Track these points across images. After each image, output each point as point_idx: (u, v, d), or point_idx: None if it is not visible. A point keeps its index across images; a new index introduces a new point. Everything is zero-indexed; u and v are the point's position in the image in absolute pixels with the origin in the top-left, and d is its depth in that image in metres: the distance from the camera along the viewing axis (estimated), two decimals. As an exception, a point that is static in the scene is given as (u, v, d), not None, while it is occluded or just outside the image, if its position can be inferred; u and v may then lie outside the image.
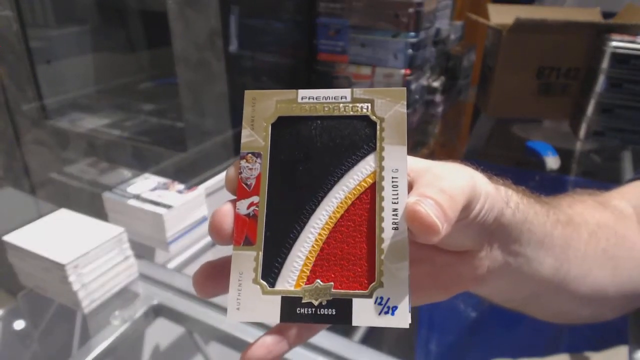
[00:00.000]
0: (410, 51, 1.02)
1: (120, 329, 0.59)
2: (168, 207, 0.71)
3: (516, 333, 0.75)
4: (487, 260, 0.28)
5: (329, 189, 0.23)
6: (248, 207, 0.23)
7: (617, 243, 0.37)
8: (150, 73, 1.61)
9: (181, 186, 0.77)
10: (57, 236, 0.62)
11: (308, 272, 0.22)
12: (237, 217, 0.23)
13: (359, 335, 0.74)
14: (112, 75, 1.60)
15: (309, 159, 0.23)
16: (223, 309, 0.61)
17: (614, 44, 1.00)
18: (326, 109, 0.24)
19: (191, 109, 1.15)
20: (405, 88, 0.24)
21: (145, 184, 0.77)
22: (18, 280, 0.65)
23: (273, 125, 0.24)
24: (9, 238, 0.62)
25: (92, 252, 0.59)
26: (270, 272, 0.22)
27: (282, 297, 0.22)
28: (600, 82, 1.03)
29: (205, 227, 0.79)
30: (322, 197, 0.23)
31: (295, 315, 0.22)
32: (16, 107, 1.40)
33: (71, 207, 0.68)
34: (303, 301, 0.22)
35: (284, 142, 0.24)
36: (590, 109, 1.06)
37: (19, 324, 0.71)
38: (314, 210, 0.23)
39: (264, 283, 0.22)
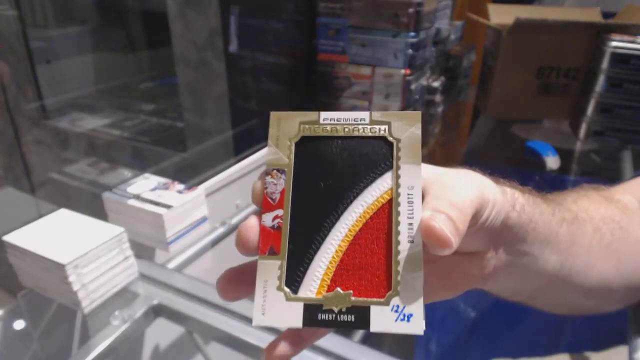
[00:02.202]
0: (410, 51, 1.02)
1: (120, 329, 0.59)
2: (168, 207, 0.71)
3: (516, 333, 0.75)
4: (493, 259, 0.29)
5: (349, 204, 0.24)
6: (273, 220, 0.24)
7: (621, 237, 0.38)
8: (150, 73, 1.61)
9: (181, 186, 0.77)
10: (57, 236, 0.62)
11: (329, 280, 0.24)
12: (262, 228, 0.24)
13: (359, 335, 0.74)
14: (112, 75, 1.60)
15: (330, 176, 0.25)
16: (223, 309, 0.61)
17: (614, 44, 1.00)
18: (346, 129, 0.25)
19: (191, 109, 1.15)
20: (420, 112, 0.26)
21: (145, 184, 0.77)
22: (18, 280, 0.65)
23: (297, 144, 0.25)
24: (9, 238, 0.62)
25: (92, 252, 0.59)
26: (294, 280, 0.24)
27: (305, 304, 0.23)
28: (600, 82, 1.03)
29: (205, 227, 0.79)
30: (342, 211, 0.24)
31: (317, 320, 0.23)
32: (16, 107, 1.40)
33: (71, 207, 0.68)
34: (324, 308, 0.23)
35: (307, 160, 0.25)
36: (590, 109, 1.06)
37: (19, 324, 0.71)
38: (334, 224, 0.24)
39: (288, 290, 0.23)
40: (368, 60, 1.06)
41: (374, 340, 0.75)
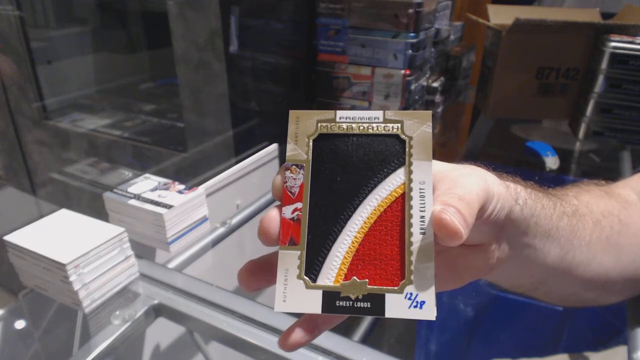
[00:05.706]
0: (410, 52, 1.02)
1: (121, 329, 0.59)
2: (168, 207, 0.71)
3: (515, 333, 0.75)
4: (497, 251, 0.30)
5: (364, 198, 0.26)
6: (292, 212, 0.26)
7: (620, 230, 0.39)
8: (151, 73, 1.61)
9: (182, 186, 0.77)
10: (57, 236, 0.62)
11: (346, 269, 0.25)
12: (283, 220, 0.26)
13: (359, 335, 0.74)
14: (113, 76, 1.60)
15: (346, 171, 0.26)
16: (224, 309, 0.61)
17: (613, 44, 1.00)
18: (361, 127, 0.27)
19: (191, 110, 1.15)
20: (430, 112, 0.27)
21: (146, 184, 0.78)
22: (19, 280, 0.65)
23: (314, 141, 0.27)
24: (10, 238, 0.62)
25: (92, 251, 0.59)
26: (312, 269, 0.25)
27: (324, 291, 0.25)
28: (600, 82, 1.03)
29: (205, 227, 0.79)
30: (358, 205, 0.26)
31: (335, 307, 0.24)
32: (17, 107, 1.41)
33: (72, 207, 0.68)
34: (342, 295, 0.24)
35: (324, 156, 0.27)
36: (589, 109, 1.07)
37: (20, 324, 0.71)
38: (350, 216, 0.26)
39: (307, 279, 0.25)
40: (368, 61, 1.06)
41: (374, 340, 0.76)
